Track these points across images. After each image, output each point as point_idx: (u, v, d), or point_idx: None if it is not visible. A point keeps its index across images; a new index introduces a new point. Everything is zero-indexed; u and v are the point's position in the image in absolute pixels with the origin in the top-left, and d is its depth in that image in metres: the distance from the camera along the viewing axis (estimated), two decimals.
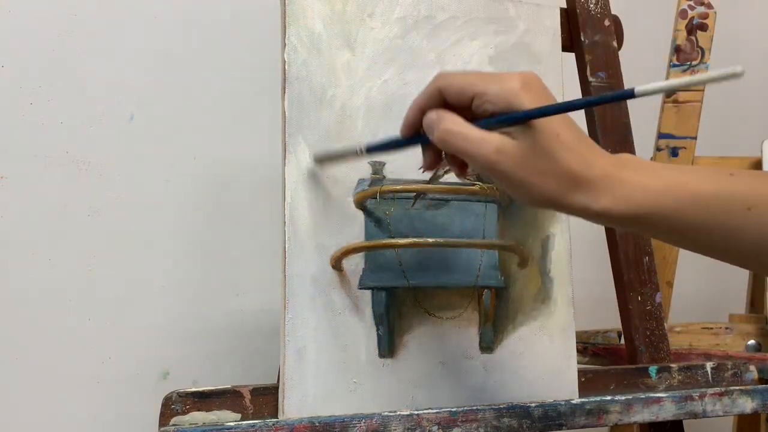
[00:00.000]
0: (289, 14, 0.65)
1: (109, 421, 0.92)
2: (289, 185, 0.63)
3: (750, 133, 1.03)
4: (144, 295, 0.94)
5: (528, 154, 0.48)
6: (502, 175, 0.49)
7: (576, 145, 0.49)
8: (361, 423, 0.59)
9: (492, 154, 0.48)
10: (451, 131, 0.49)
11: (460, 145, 0.49)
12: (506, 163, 0.48)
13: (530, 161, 0.48)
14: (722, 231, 0.49)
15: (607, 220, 0.50)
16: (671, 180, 0.50)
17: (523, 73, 0.49)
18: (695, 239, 0.51)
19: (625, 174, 0.49)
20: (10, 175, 0.89)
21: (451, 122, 0.49)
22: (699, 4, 0.94)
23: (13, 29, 0.89)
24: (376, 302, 0.64)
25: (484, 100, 0.49)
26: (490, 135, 0.48)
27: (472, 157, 0.49)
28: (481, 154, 0.48)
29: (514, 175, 0.48)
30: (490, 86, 0.49)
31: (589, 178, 0.49)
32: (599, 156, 0.50)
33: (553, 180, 0.48)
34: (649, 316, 0.75)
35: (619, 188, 0.49)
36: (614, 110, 0.77)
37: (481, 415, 0.63)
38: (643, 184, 0.49)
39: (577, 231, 0.75)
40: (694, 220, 0.49)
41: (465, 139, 0.49)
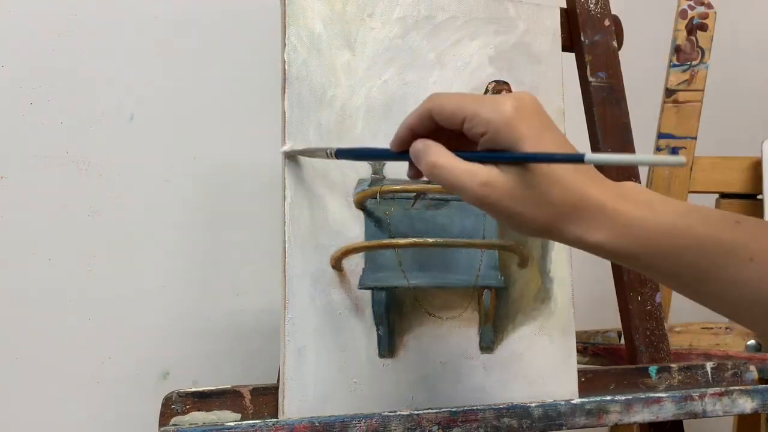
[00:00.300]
0: (289, 14, 0.65)
1: (109, 421, 0.92)
2: (289, 185, 0.63)
3: (750, 133, 1.03)
4: (144, 295, 0.94)
5: (517, 187, 0.46)
6: (490, 208, 0.47)
7: (569, 175, 0.47)
8: (361, 423, 0.59)
9: (479, 188, 0.46)
10: (436, 165, 0.47)
11: (447, 178, 0.47)
12: (493, 196, 0.46)
13: (520, 194, 0.46)
14: (721, 280, 0.47)
15: (603, 253, 0.48)
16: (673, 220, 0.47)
17: (518, 97, 0.48)
18: (692, 286, 0.48)
19: (624, 207, 0.47)
20: (10, 175, 0.89)
21: (437, 155, 0.48)
22: (699, 4, 0.94)
23: (13, 29, 0.89)
24: (376, 302, 0.65)
25: (474, 123, 0.47)
26: (477, 167, 0.47)
27: (459, 191, 0.47)
28: (469, 188, 0.47)
29: (503, 208, 0.47)
30: (482, 109, 0.47)
31: (582, 208, 0.47)
32: (596, 184, 0.47)
33: (543, 212, 0.46)
34: (649, 316, 0.75)
35: (615, 222, 0.47)
36: (614, 110, 0.77)
37: (481, 415, 0.63)
38: (641, 221, 0.47)
39: None
40: (694, 267, 0.47)
41: (451, 172, 0.47)
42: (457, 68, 0.70)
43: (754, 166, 0.95)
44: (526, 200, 0.46)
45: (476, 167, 0.47)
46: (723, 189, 0.96)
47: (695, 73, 0.93)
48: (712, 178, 0.95)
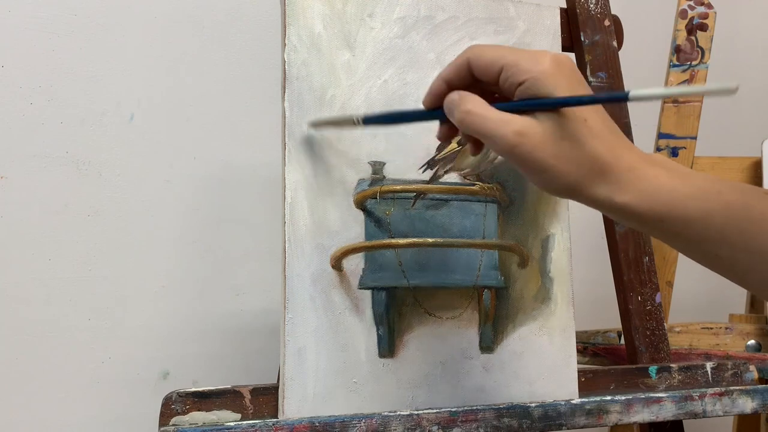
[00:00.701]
0: (289, 14, 0.65)
1: (109, 422, 0.92)
2: (289, 185, 0.63)
3: (750, 133, 1.03)
4: (144, 295, 0.94)
5: (551, 138, 0.46)
6: (521, 159, 0.46)
7: (605, 133, 0.47)
8: (361, 423, 0.59)
9: (513, 136, 0.46)
10: (471, 112, 0.47)
11: (480, 125, 0.47)
12: (527, 145, 0.46)
13: (553, 145, 0.46)
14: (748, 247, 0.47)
15: (629, 215, 0.47)
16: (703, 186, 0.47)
17: (556, 54, 0.47)
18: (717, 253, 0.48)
19: (654, 171, 0.47)
20: (10, 175, 0.89)
21: (472, 104, 0.48)
22: (699, 4, 0.94)
23: (13, 29, 0.89)
24: (376, 302, 0.65)
25: (512, 72, 0.47)
26: (512, 117, 0.46)
27: (491, 138, 0.47)
28: (501, 135, 0.46)
29: (534, 159, 0.46)
30: (521, 60, 0.47)
31: (614, 168, 0.46)
32: (628, 148, 0.48)
33: (575, 167, 0.46)
34: (649, 316, 0.75)
35: (644, 184, 0.47)
36: (614, 110, 0.77)
37: (481, 415, 0.62)
38: (671, 184, 0.47)
39: (577, 231, 0.75)
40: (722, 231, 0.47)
41: (485, 120, 0.47)
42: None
43: (754, 166, 0.95)
44: (559, 153, 0.46)
45: (511, 116, 0.47)
46: None
47: (695, 73, 0.93)
48: None
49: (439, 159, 0.68)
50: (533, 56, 0.47)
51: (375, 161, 0.66)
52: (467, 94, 0.49)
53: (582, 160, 0.46)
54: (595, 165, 0.46)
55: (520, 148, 0.46)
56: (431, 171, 0.68)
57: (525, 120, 0.46)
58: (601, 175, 0.46)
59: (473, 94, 0.48)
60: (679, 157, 0.93)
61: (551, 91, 0.46)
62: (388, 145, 0.67)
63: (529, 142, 0.46)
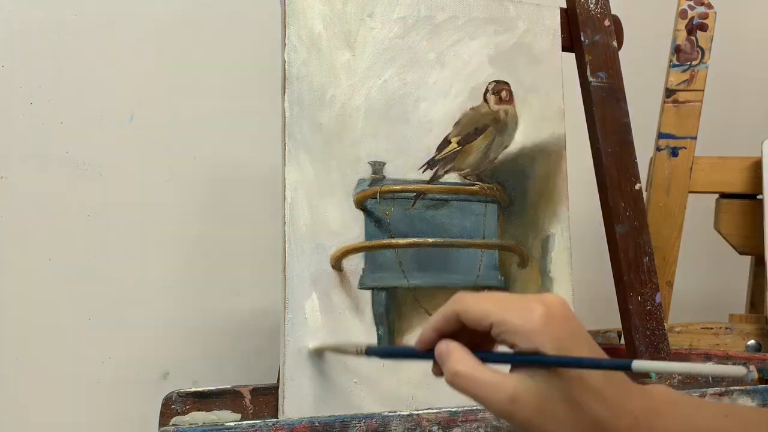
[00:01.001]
0: (289, 14, 0.65)
1: (109, 422, 0.92)
2: (289, 185, 0.63)
3: (750, 133, 1.02)
4: (144, 295, 0.94)
5: (547, 401, 0.43)
6: (519, 424, 0.44)
7: (603, 387, 0.44)
8: (361, 423, 0.59)
9: (506, 403, 0.43)
10: (459, 374, 0.45)
11: (471, 390, 0.44)
12: (523, 411, 0.43)
13: (550, 409, 0.43)
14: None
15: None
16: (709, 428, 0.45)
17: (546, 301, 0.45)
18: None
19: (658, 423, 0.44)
20: (10, 175, 0.89)
21: (460, 363, 0.45)
22: (699, 4, 0.94)
23: (13, 29, 0.89)
24: (376, 302, 0.65)
25: (502, 330, 0.44)
26: (504, 379, 0.44)
27: (484, 404, 0.44)
28: (494, 402, 0.44)
29: (533, 425, 0.43)
30: (510, 318, 0.44)
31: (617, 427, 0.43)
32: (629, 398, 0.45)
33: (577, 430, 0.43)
34: (649, 316, 0.75)
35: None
36: (614, 110, 0.77)
37: (481, 415, 0.62)
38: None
39: (577, 231, 0.75)
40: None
41: (476, 384, 0.44)
42: (457, 68, 0.70)
43: (754, 166, 0.95)
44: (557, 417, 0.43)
45: (503, 378, 0.44)
46: (723, 189, 0.96)
47: (695, 73, 0.93)
48: (712, 178, 0.95)
49: (439, 159, 0.68)
50: (522, 311, 0.44)
51: (375, 161, 0.66)
52: (456, 349, 0.46)
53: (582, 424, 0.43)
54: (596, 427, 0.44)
55: (515, 414, 0.44)
56: (431, 171, 0.68)
57: (519, 382, 0.44)
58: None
59: (461, 348, 0.46)
60: (679, 157, 0.93)
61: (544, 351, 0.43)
62: (388, 145, 0.67)
63: (524, 408, 0.43)
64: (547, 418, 0.43)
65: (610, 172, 0.75)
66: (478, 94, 0.71)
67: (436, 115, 0.69)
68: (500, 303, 0.45)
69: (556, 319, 0.44)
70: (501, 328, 0.44)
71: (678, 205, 0.93)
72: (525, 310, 0.44)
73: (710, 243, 1.06)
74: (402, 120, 0.67)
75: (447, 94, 0.69)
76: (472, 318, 0.45)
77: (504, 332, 0.44)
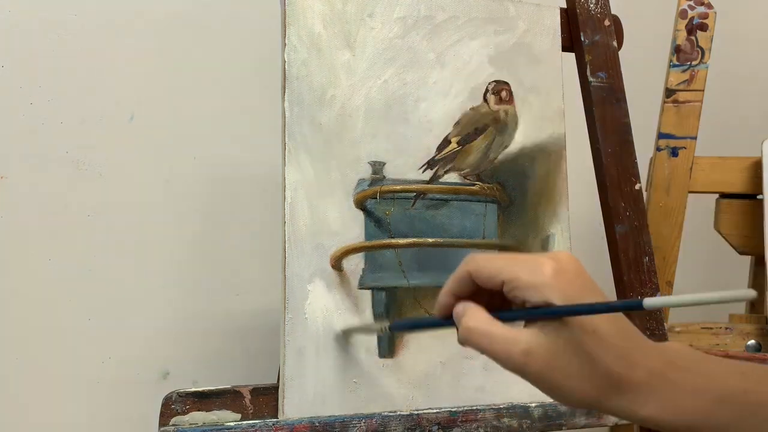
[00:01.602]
0: (289, 14, 0.65)
1: (109, 421, 0.92)
2: (289, 185, 0.63)
3: (750, 133, 1.02)
4: (144, 295, 0.94)
5: (560, 355, 0.43)
6: (532, 378, 0.44)
7: (617, 340, 0.43)
8: (361, 423, 0.59)
9: (519, 357, 0.43)
10: (474, 330, 0.45)
11: (484, 345, 0.44)
12: (535, 365, 0.43)
13: (563, 363, 0.43)
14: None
15: (655, 426, 0.44)
16: (727, 385, 0.45)
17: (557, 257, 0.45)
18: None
19: (674, 376, 0.44)
20: (10, 175, 0.89)
21: (474, 319, 0.45)
22: (699, 4, 0.94)
23: (13, 29, 0.89)
24: (376, 302, 0.65)
25: (513, 286, 0.44)
26: (517, 334, 0.44)
27: (497, 360, 0.44)
28: (507, 357, 0.44)
29: (545, 379, 0.43)
30: (520, 274, 0.44)
31: (631, 381, 0.43)
32: (643, 352, 0.44)
33: (589, 383, 0.43)
34: (649, 316, 0.75)
35: (666, 393, 0.44)
36: (614, 110, 0.77)
37: (481, 415, 0.62)
38: (694, 389, 0.44)
39: (577, 231, 0.75)
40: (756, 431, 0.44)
41: (490, 340, 0.44)
42: (457, 68, 0.70)
43: (754, 166, 0.95)
44: (570, 371, 0.43)
45: (517, 333, 0.44)
46: (723, 189, 0.96)
47: (695, 73, 0.93)
48: (712, 178, 0.95)
49: (439, 159, 0.68)
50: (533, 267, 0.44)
51: (375, 161, 0.66)
52: (470, 308, 0.46)
53: (595, 377, 0.43)
54: (610, 380, 0.43)
55: (528, 368, 0.43)
56: (431, 171, 0.68)
57: (532, 336, 0.44)
58: (618, 390, 0.44)
59: (476, 307, 0.46)
60: (679, 157, 0.93)
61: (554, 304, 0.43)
62: (388, 145, 0.67)
63: (537, 362, 0.43)
64: (559, 371, 0.43)
65: (610, 172, 0.75)
66: (478, 94, 0.71)
67: (436, 115, 0.69)
68: (511, 261, 0.45)
69: (567, 273, 0.44)
70: (512, 285, 0.44)
71: (678, 205, 0.93)
72: (535, 265, 0.44)
73: (710, 243, 1.06)
74: (402, 120, 0.67)
75: (447, 94, 0.69)
76: (485, 276, 0.46)
77: (515, 288, 0.44)
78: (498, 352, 0.44)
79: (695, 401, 0.44)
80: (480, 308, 0.46)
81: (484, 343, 0.45)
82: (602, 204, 0.76)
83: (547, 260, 0.44)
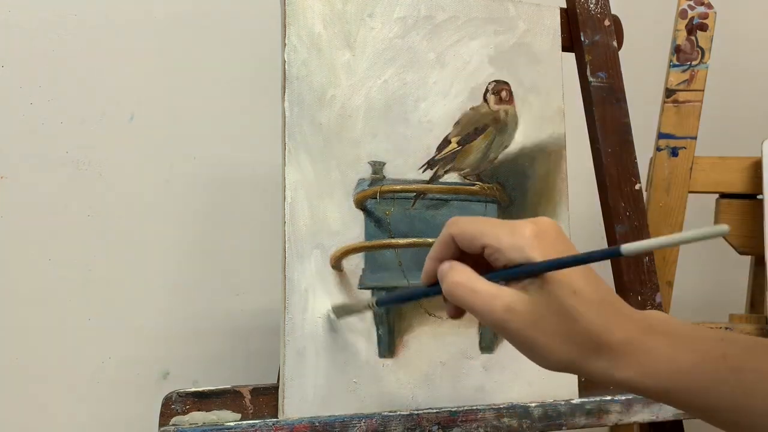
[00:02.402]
0: (289, 14, 0.65)
1: (109, 421, 0.92)
2: (289, 185, 0.63)
3: (750, 133, 1.02)
4: (144, 295, 0.94)
5: (541, 313, 0.44)
6: (511, 335, 0.45)
7: (596, 303, 0.44)
8: (361, 423, 0.59)
9: (501, 312, 0.44)
10: (458, 284, 0.46)
11: (468, 299, 0.45)
12: (516, 322, 0.44)
13: (543, 321, 0.44)
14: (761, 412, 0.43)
15: (632, 389, 0.45)
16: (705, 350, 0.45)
17: (537, 221, 0.46)
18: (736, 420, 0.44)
19: (652, 341, 0.44)
20: (10, 175, 0.89)
21: (459, 274, 0.46)
22: (699, 4, 0.94)
23: (13, 29, 0.89)
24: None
25: (495, 249, 0.45)
26: (500, 290, 0.45)
27: (480, 314, 0.45)
28: (490, 311, 0.44)
29: (525, 336, 0.44)
30: (501, 237, 0.45)
31: (610, 343, 0.44)
32: (623, 316, 0.45)
33: (568, 343, 0.44)
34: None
35: (644, 357, 0.44)
36: (614, 110, 0.77)
37: (481, 415, 0.63)
38: (671, 355, 0.44)
39: (577, 231, 0.75)
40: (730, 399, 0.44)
41: (473, 294, 0.45)
42: (457, 68, 0.70)
43: (754, 166, 0.95)
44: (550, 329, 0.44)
45: (499, 289, 0.45)
46: (723, 189, 0.96)
47: (695, 73, 0.93)
48: (712, 178, 0.95)
49: (439, 159, 0.68)
50: (513, 228, 0.45)
51: (375, 161, 0.66)
52: (456, 265, 0.47)
53: (574, 336, 0.44)
54: (589, 341, 0.44)
55: (509, 325, 0.44)
56: (431, 171, 0.68)
57: (514, 294, 0.44)
58: (597, 351, 0.44)
59: (462, 265, 0.47)
60: (678, 157, 0.93)
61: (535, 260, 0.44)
62: (388, 145, 0.67)
63: (518, 319, 0.44)
64: (539, 329, 0.44)
65: (610, 172, 0.75)
66: (478, 94, 0.71)
67: (436, 115, 0.69)
68: (492, 224, 0.46)
69: (547, 235, 0.45)
70: (494, 247, 0.45)
71: (678, 205, 0.93)
72: (516, 227, 0.45)
73: (710, 243, 1.06)
74: (402, 120, 0.67)
75: (447, 94, 0.70)
76: (467, 238, 0.46)
77: (497, 251, 0.45)
78: (481, 306, 0.45)
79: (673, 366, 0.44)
80: (465, 266, 0.47)
81: (468, 296, 0.45)
82: (602, 204, 0.76)
83: (528, 223, 0.45)
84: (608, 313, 0.44)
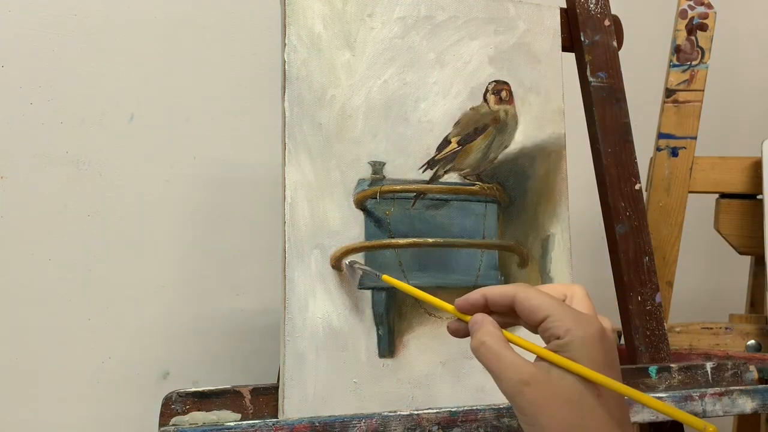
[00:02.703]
0: (289, 14, 0.65)
1: (109, 421, 0.92)
2: (289, 185, 0.63)
3: (750, 133, 1.03)
4: (144, 295, 0.94)
5: (555, 397, 0.44)
6: (520, 409, 0.45)
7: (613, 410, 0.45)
8: (361, 423, 0.59)
9: (518, 384, 0.45)
10: (486, 345, 0.47)
11: (492, 362, 0.46)
12: (529, 396, 0.44)
13: (554, 405, 0.44)
14: None
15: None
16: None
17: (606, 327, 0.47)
18: None
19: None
20: (10, 175, 0.89)
21: (489, 335, 0.47)
22: (699, 4, 0.94)
23: (13, 29, 0.89)
24: (376, 302, 0.64)
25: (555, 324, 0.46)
26: (525, 363, 0.45)
27: (497, 379, 0.46)
28: (508, 379, 0.45)
29: (530, 412, 0.44)
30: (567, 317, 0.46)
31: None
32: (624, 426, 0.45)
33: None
34: (649, 316, 0.75)
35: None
36: (614, 110, 0.77)
37: (481, 415, 0.62)
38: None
39: (577, 231, 0.75)
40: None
41: (497, 359, 0.46)
42: (457, 68, 0.70)
43: (754, 166, 0.95)
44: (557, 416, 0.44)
45: (524, 362, 0.45)
46: (723, 189, 0.96)
47: (695, 73, 0.93)
48: (712, 178, 0.95)
49: (439, 159, 0.68)
50: (581, 318, 0.46)
51: (375, 161, 0.66)
52: (490, 323, 0.48)
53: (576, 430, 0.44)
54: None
55: (522, 397, 0.45)
56: (431, 171, 0.68)
57: (538, 369, 0.45)
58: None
59: (494, 324, 0.48)
60: (679, 157, 0.93)
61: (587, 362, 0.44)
62: (388, 145, 0.67)
63: (532, 395, 0.44)
64: (546, 412, 0.44)
65: (610, 172, 0.75)
66: (478, 94, 0.71)
67: (436, 115, 0.69)
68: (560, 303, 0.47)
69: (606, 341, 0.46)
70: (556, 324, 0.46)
71: (678, 205, 0.93)
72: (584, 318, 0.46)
73: (710, 243, 1.06)
74: (402, 120, 0.67)
75: (447, 94, 0.70)
76: (530, 307, 0.47)
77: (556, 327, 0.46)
78: (501, 374, 0.46)
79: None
80: (497, 326, 0.48)
81: (492, 360, 0.46)
82: (602, 204, 0.76)
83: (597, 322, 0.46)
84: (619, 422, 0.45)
